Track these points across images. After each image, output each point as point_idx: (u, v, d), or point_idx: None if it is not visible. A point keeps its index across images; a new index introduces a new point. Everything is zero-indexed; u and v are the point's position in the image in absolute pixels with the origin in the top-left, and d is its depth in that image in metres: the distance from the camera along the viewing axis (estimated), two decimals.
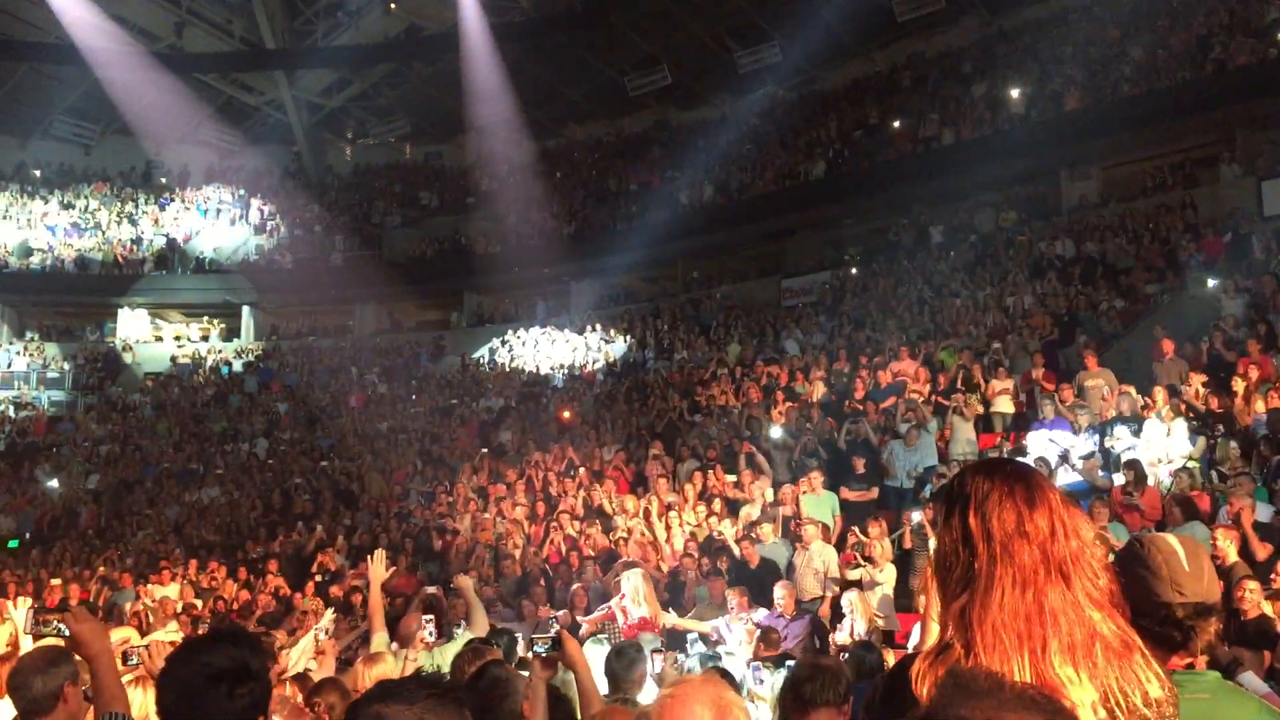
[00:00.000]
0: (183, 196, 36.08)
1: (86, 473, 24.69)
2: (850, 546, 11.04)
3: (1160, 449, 11.14)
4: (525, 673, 4.05)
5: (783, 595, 9.59)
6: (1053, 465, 11.46)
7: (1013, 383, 14.52)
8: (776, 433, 15.05)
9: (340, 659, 7.47)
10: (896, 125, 26.59)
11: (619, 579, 9.69)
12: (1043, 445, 12.04)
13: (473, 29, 28.72)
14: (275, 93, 35.63)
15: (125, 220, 35.44)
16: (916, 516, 10.97)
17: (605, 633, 8.82)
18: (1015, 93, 24.22)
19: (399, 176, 37.44)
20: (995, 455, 12.62)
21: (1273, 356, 12.20)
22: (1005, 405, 14.26)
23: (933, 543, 2.30)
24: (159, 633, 9.88)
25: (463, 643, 5.77)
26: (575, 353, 26.36)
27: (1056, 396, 12.94)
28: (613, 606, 9.29)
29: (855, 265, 24.48)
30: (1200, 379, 12.35)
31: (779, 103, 30.77)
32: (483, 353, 29.33)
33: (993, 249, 21.42)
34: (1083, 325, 16.06)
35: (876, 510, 12.61)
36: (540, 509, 15.84)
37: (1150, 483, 10.51)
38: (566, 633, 4.00)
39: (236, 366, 31.22)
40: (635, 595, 9.09)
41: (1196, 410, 11.84)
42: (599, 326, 27.06)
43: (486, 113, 31.27)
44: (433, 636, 6.23)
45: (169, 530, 20.04)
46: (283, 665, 6.49)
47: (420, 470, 20.25)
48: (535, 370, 26.18)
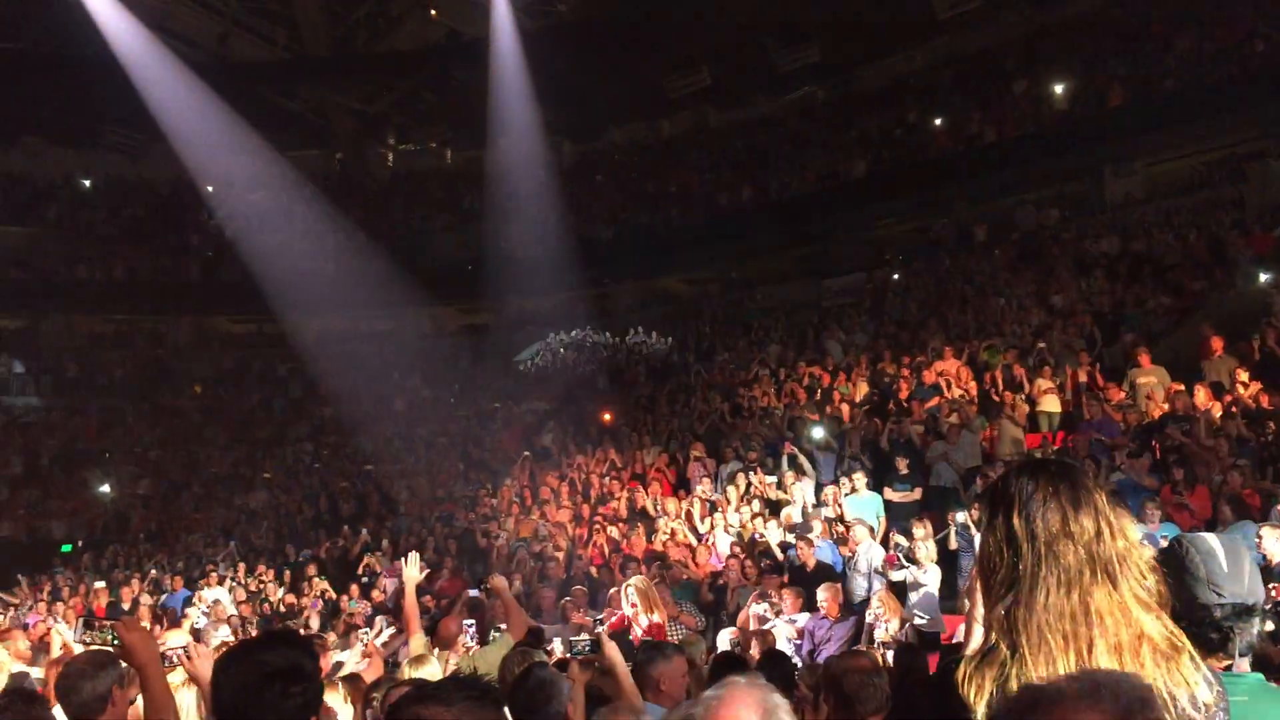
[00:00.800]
0: (228, 203, 36.47)
1: (137, 477, 25.06)
2: (893, 548, 10.99)
3: None
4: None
5: (826, 597, 9.56)
6: (1099, 465, 11.33)
7: (1058, 381, 14.37)
8: (818, 433, 15.00)
9: (389, 661, 7.55)
10: (937, 123, 26.39)
11: (619, 591, 9.58)
12: (1089, 445, 11.91)
13: (510, 34, 28.82)
14: (317, 99, 35.95)
15: (172, 229, 35.89)
16: (961, 517, 10.89)
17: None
18: (1058, 89, 23.96)
19: (439, 181, 37.65)
20: (1036, 455, 12.51)
21: None
22: (1051, 404, 14.11)
23: (978, 541, 2.29)
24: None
25: (501, 644, 5.81)
26: (616, 355, 26.37)
27: (1103, 395, 12.80)
28: (622, 614, 9.19)
29: (896, 265, 24.32)
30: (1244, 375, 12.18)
31: (818, 102, 30.63)
32: (524, 356, 29.42)
33: (1036, 247, 21.21)
34: (1128, 323, 15.86)
35: (920, 511, 12.55)
36: (583, 511, 15.89)
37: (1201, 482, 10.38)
38: (605, 635, 4.02)
39: (282, 371, 31.52)
40: (642, 601, 8.89)
41: (1246, 408, 11.67)
42: (640, 329, 27.05)
43: (525, 117, 31.36)
44: (473, 641, 6.26)
45: (218, 534, 20.31)
46: (327, 667, 6.56)
47: (463, 473, 20.37)
48: (577, 373, 26.22)
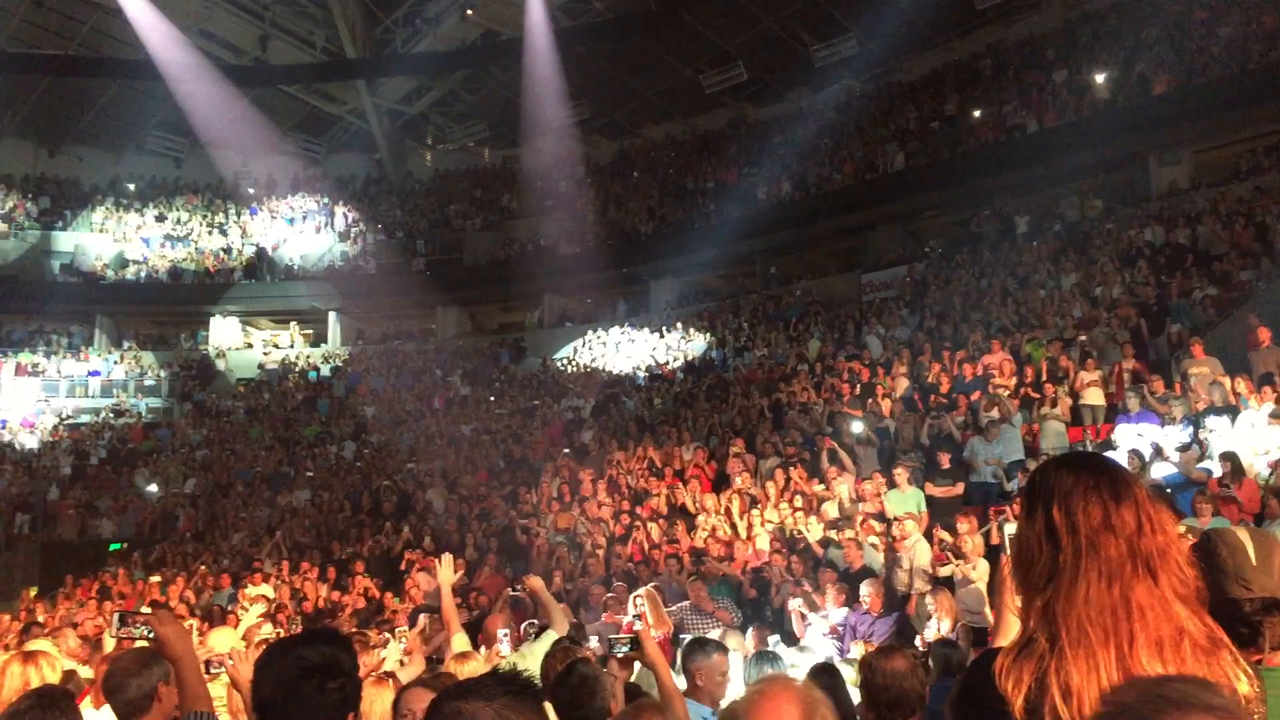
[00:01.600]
0: (270, 206, 36.92)
1: (183, 477, 25.41)
2: (937, 544, 10.90)
3: (1257, 440, 10.80)
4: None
5: (868, 593, 9.52)
6: (1146, 458, 11.17)
7: (1101, 374, 14.19)
8: (858, 428, 14.91)
9: (432, 659, 7.58)
10: (977, 115, 26.17)
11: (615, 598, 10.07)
12: (1130, 439, 11.74)
13: (546, 33, 28.91)
14: (357, 101, 36.29)
15: (215, 230, 36.39)
16: (1006, 512, 10.79)
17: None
18: (1100, 78, 23.68)
19: (478, 180, 37.88)
20: (1079, 449, 12.35)
21: None
22: (1095, 397, 13.91)
23: (1007, 531, 2.29)
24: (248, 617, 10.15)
25: (547, 641, 5.81)
26: (655, 351, 26.40)
27: (1145, 388, 12.61)
28: (629, 624, 9.47)
29: (937, 258, 24.16)
30: None
31: (856, 96, 30.50)
32: (563, 353, 29.54)
33: (1079, 238, 20.96)
34: (1173, 314, 15.64)
35: (962, 505, 12.44)
36: (626, 506, 15.92)
37: (1249, 474, 10.21)
38: (646, 633, 4.01)
39: (324, 371, 31.86)
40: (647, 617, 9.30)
41: None
42: (678, 325, 27.07)
43: (563, 114, 31.48)
44: (507, 650, 6.24)
45: (262, 532, 20.53)
46: (373, 663, 6.60)
47: (503, 471, 20.47)
48: (615, 370, 26.28)
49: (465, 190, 37.36)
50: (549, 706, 3.34)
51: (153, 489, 25.03)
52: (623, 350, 27.54)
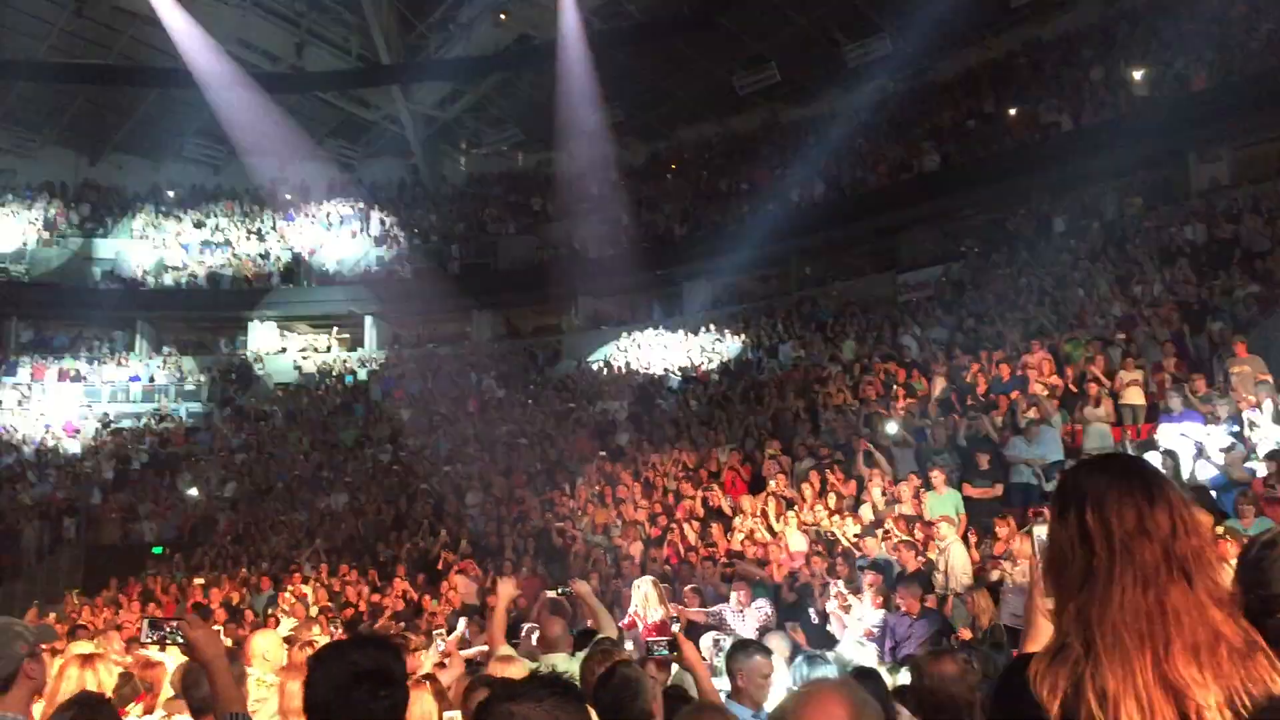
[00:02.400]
0: (306, 211, 37.24)
1: (223, 481, 25.69)
2: (976, 547, 10.81)
3: None
4: None
5: (907, 594, 9.47)
6: (1186, 458, 11.04)
7: (1142, 374, 14.04)
8: (892, 429, 14.84)
9: (472, 662, 7.64)
10: (1013, 113, 25.97)
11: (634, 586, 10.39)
12: (1173, 439, 11.59)
13: (579, 36, 28.98)
14: (391, 107, 36.52)
15: (253, 236, 36.75)
16: (1044, 513, 10.68)
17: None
18: (1138, 74, 23.43)
19: (512, 184, 38.01)
20: (1116, 450, 12.22)
21: None
22: (1135, 397, 13.78)
23: (1036, 533, 2.28)
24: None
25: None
26: (689, 354, 26.39)
27: (1187, 387, 12.46)
28: (631, 615, 9.86)
29: (974, 257, 23.99)
30: None
31: (890, 95, 30.31)
32: (598, 356, 29.58)
33: (1118, 236, 20.76)
34: (1214, 313, 15.44)
35: (1001, 507, 12.36)
36: (659, 509, 15.94)
37: None
38: (683, 636, 4.02)
39: (361, 375, 32.09)
40: (645, 602, 9.82)
41: None
42: (713, 327, 27.05)
43: (596, 117, 31.52)
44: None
45: (301, 535, 20.73)
46: (414, 666, 6.66)
47: (539, 474, 20.54)
48: (650, 372, 26.29)
49: (499, 194, 37.51)
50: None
51: (193, 493, 25.33)
52: (657, 353, 27.55)
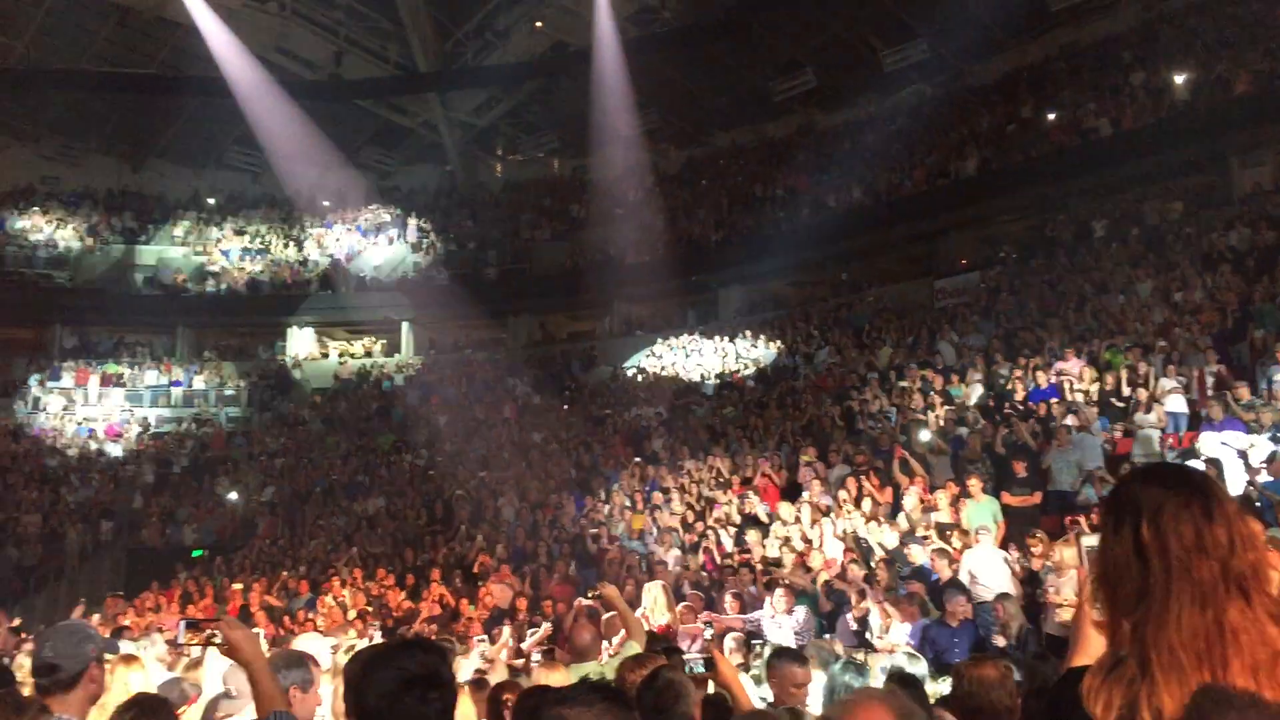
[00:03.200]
0: (344, 218, 37.54)
1: (262, 485, 25.92)
2: (1016, 561, 10.71)
3: None
4: None
5: (947, 604, 9.42)
6: (1228, 467, 10.90)
7: (1184, 381, 13.89)
8: (925, 436, 14.75)
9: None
10: (1051, 118, 25.75)
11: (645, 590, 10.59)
12: (1215, 447, 11.44)
13: (614, 43, 29.05)
14: (429, 114, 36.80)
15: (292, 243, 37.09)
16: (1080, 522, 10.58)
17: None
18: (1179, 78, 23.17)
19: (548, 190, 38.15)
20: (1159, 459, 12.08)
21: None
22: (1176, 404, 13.64)
23: (1084, 543, 2.25)
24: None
25: (628, 652, 5.84)
26: (725, 360, 26.35)
27: (1229, 395, 12.30)
28: (640, 615, 9.78)
29: (1012, 263, 23.82)
30: None
31: (927, 100, 30.13)
32: (633, 362, 29.60)
33: (1158, 241, 20.54)
34: (1257, 319, 15.24)
35: (1039, 515, 12.26)
36: (692, 516, 15.92)
37: None
38: (719, 653, 4.02)
39: (397, 380, 32.29)
40: (654, 605, 9.96)
41: None
42: (748, 333, 26.99)
43: (631, 124, 31.60)
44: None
45: (339, 539, 20.87)
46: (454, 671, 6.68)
47: (574, 479, 20.58)
48: (685, 378, 26.27)
49: (535, 200, 37.65)
50: None
51: (233, 496, 25.57)
52: (692, 358, 27.53)
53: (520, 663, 8.90)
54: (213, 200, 38.94)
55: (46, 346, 33.91)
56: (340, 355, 35.06)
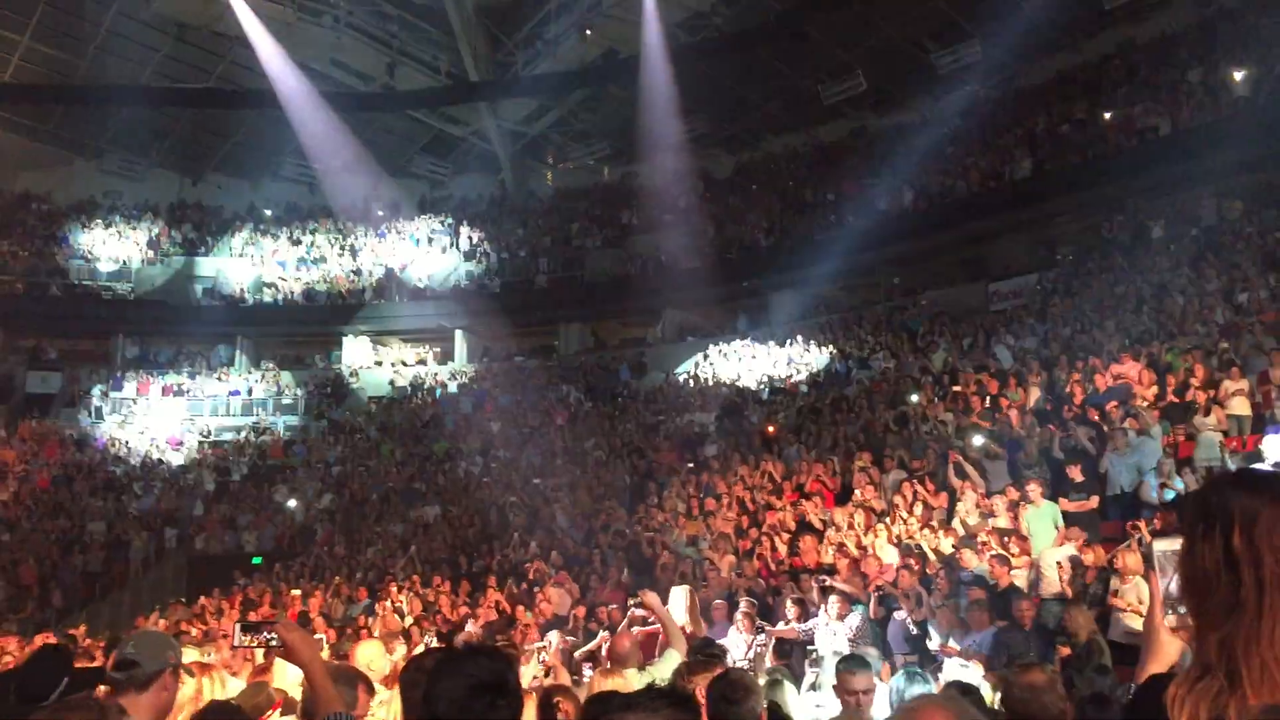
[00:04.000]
0: (397, 228, 37.92)
1: (320, 492, 26.23)
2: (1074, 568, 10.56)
3: None
4: None
5: (1021, 610, 9.36)
6: None
7: (1247, 383, 13.60)
8: (978, 440, 14.58)
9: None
10: (1107, 117, 25.37)
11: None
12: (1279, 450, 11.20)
13: (663, 50, 29.05)
14: (479, 123, 37.06)
15: (347, 253, 37.53)
16: (1162, 546, 10.34)
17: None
18: (1238, 75, 22.74)
19: (598, 197, 38.26)
20: (1220, 463, 11.85)
21: None
22: (1240, 407, 13.35)
23: (1156, 548, 2.20)
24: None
25: (669, 660, 5.84)
26: (777, 365, 26.26)
27: None
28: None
29: (1069, 265, 23.50)
30: None
31: (980, 102, 29.78)
32: (685, 368, 29.58)
33: (1218, 241, 20.15)
34: None
35: (1098, 520, 12.08)
36: (746, 522, 15.87)
37: None
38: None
39: (451, 388, 32.53)
40: (677, 610, 9.42)
41: None
42: (800, 338, 26.88)
43: (681, 130, 31.58)
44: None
45: (396, 546, 21.06)
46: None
47: (627, 485, 20.60)
48: (738, 384, 26.20)
49: (585, 208, 37.77)
50: None
51: (292, 504, 25.90)
52: (744, 364, 27.46)
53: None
54: (269, 212, 39.51)
55: (109, 357, 34.65)
56: (394, 364, 35.39)
